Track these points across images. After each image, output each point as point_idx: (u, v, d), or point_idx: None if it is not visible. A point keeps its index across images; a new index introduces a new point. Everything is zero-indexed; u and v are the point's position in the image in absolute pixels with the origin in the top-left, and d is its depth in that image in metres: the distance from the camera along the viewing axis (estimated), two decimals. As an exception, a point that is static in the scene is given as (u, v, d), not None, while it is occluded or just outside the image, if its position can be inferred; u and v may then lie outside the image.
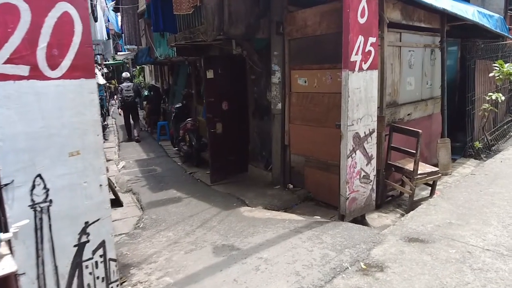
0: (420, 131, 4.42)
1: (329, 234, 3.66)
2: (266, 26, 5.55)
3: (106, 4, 13.74)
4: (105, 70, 21.66)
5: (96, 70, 9.11)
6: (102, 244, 2.48)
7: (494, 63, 6.96)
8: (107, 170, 7.36)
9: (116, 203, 5.83)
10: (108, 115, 17.24)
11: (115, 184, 6.91)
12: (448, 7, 5.26)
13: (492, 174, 5.39)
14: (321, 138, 5.07)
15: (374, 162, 4.10)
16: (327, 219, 4.40)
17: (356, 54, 3.69)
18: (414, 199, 5.15)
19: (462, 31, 7.27)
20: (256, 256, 3.38)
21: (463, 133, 7.21)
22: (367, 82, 3.86)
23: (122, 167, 8.33)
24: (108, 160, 9.02)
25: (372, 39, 3.82)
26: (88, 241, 2.41)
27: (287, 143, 5.76)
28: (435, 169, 4.78)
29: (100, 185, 2.45)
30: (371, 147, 4.04)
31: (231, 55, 6.56)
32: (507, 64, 6.85)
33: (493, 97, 6.80)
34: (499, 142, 8.04)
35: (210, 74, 6.24)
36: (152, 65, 15.57)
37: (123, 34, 13.07)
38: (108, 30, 15.21)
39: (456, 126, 7.20)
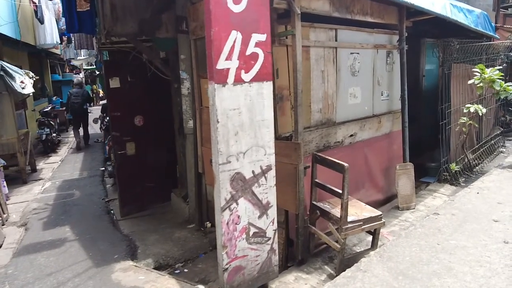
0: (345, 164, 3.16)
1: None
2: (170, 22, 4.35)
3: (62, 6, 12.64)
4: (81, 75, 20.56)
5: (25, 78, 7.94)
6: None
7: (475, 67, 5.71)
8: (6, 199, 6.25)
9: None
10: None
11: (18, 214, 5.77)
12: (401, -4, 4.03)
13: (461, 214, 4.10)
14: (233, 167, 3.83)
15: (272, 211, 2.86)
16: (215, 288, 3.17)
17: (228, 59, 2.46)
18: (354, 250, 3.92)
19: (446, 30, 6.02)
20: None
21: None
22: (253, 99, 2.63)
23: (43, 190, 7.16)
24: (39, 180, 7.92)
25: (259, 37, 2.60)
26: None
27: (201, 171, 4.54)
28: (375, 213, 3.51)
29: None
30: (267, 191, 2.80)
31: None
32: (489, 69, 5.59)
33: (472, 110, 5.53)
34: (484, 161, 6.75)
35: (114, 83, 5.05)
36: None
37: (73, 37, 11.96)
38: (66, 33, 14.12)
39: (435, 143, 5.92)
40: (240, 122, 2.58)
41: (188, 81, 4.35)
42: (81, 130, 11.19)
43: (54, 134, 10.92)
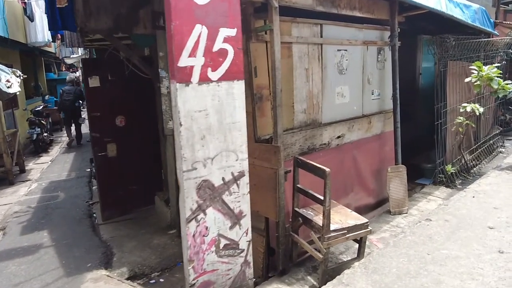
0: (327, 169, 2.94)
1: None
2: (148, 18, 4.13)
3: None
4: (78, 73, 20.30)
5: (11, 76, 7.74)
6: None
7: (472, 64, 5.47)
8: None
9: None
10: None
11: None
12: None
13: (455, 220, 3.88)
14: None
15: (246, 221, 2.65)
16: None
17: (192, 55, 2.25)
18: (340, 258, 3.71)
19: (444, 27, 5.77)
20: None
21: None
22: (222, 100, 2.42)
23: (28, 192, 6.97)
24: (26, 181, 7.75)
25: (228, 32, 2.38)
26: None
27: (182, 174, 4.32)
28: (361, 220, 3.29)
29: None
30: (239, 199, 2.59)
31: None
32: (487, 66, 5.35)
33: (468, 109, 5.29)
34: (482, 162, 6.51)
35: (94, 82, 4.84)
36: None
37: (63, 36, 11.73)
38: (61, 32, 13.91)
39: (431, 143, 5.67)
40: (207, 125, 2.37)
41: (167, 79, 4.13)
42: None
43: (46, 134, 10.73)
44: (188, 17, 2.21)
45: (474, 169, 6.21)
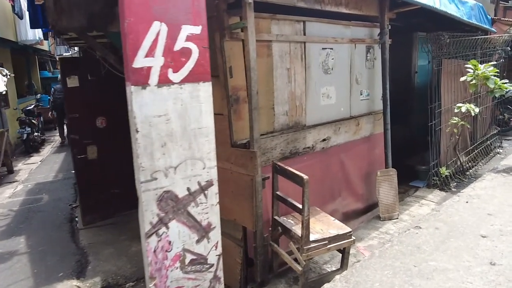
0: (305, 176, 2.75)
1: None
2: (125, 15, 3.93)
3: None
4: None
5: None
6: None
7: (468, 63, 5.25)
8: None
9: None
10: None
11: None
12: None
13: (446, 227, 3.68)
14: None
15: (215, 234, 2.46)
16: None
17: (150, 55, 2.05)
18: (324, 268, 3.53)
19: (441, 24, 5.55)
20: None
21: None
22: (186, 103, 2.22)
23: (13, 194, 6.81)
24: (13, 182, 7.59)
25: (191, 30, 2.18)
26: None
27: (162, 179, 4.14)
28: (344, 230, 3.10)
29: None
30: (207, 210, 2.40)
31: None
32: (483, 65, 5.13)
33: (463, 109, 5.08)
34: (479, 163, 6.31)
35: (72, 82, 4.65)
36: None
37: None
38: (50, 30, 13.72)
39: (426, 144, 5.46)
40: (169, 131, 2.18)
41: (145, 80, 3.93)
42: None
43: (37, 133, 10.56)
44: (145, 14, 2.01)
45: (470, 171, 6.02)
